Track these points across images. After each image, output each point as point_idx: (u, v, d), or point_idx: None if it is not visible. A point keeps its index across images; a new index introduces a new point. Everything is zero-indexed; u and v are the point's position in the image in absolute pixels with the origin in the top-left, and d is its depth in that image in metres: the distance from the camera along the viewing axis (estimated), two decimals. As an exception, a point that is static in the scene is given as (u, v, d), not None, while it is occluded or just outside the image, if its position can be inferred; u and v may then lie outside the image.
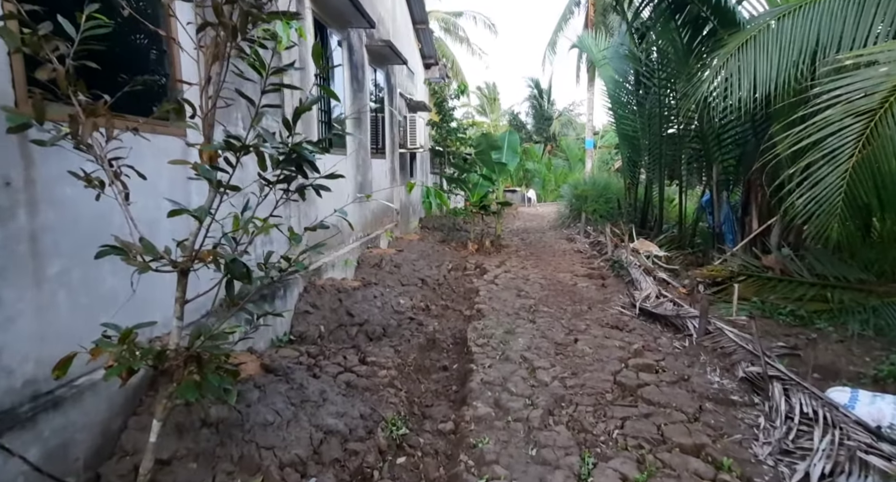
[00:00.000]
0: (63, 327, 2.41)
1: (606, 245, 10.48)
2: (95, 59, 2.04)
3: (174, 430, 2.71)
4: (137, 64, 3.23)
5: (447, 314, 6.94)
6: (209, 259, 1.98)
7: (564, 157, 31.49)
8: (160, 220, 2.78)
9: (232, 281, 2.07)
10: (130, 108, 2.76)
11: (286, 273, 2.48)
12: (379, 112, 10.17)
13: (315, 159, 2.17)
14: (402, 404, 4.06)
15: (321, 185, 2.40)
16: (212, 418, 2.75)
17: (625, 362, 4.70)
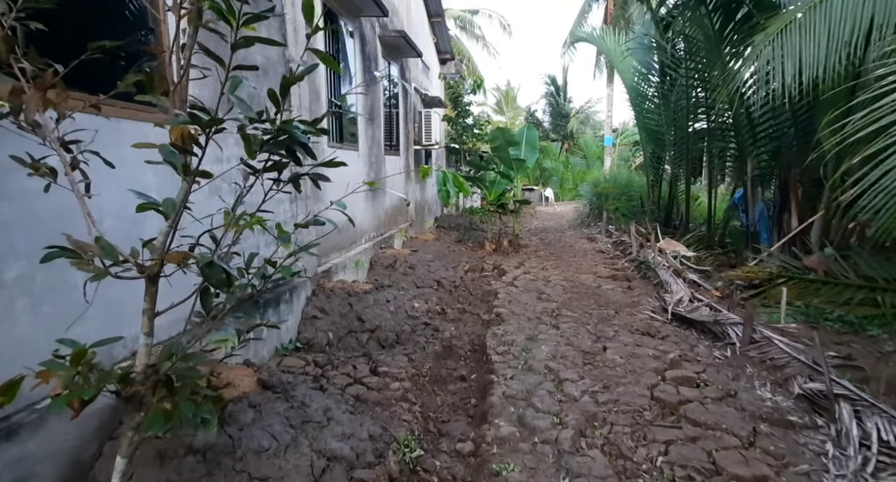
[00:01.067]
0: (23, 341, 2.07)
1: (631, 245, 9.99)
2: (54, 20, 1.69)
3: (155, 458, 2.37)
4: (116, 29, 2.86)
5: (464, 318, 6.55)
6: (176, 261, 1.61)
7: (582, 154, 30.86)
8: (146, 217, 2.42)
9: (208, 289, 1.71)
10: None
11: (268, 279, 2.10)
12: (393, 107, 9.82)
13: (308, 141, 1.79)
14: (417, 421, 3.68)
15: (319, 175, 2.03)
16: (198, 444, 2.41)
17: (661, 374, 4.26)
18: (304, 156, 1.84)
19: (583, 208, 16.67)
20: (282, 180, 1.95)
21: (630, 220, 11.86)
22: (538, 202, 25.53)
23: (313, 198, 5.32)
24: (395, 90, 9.93)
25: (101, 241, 1.61)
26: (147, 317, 1.72)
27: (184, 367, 1.68)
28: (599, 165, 25.29)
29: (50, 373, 1.55)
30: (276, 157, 1.87)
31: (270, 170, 1.86)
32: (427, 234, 11.01)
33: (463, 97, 13.00)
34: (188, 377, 1.67)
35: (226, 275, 1.65)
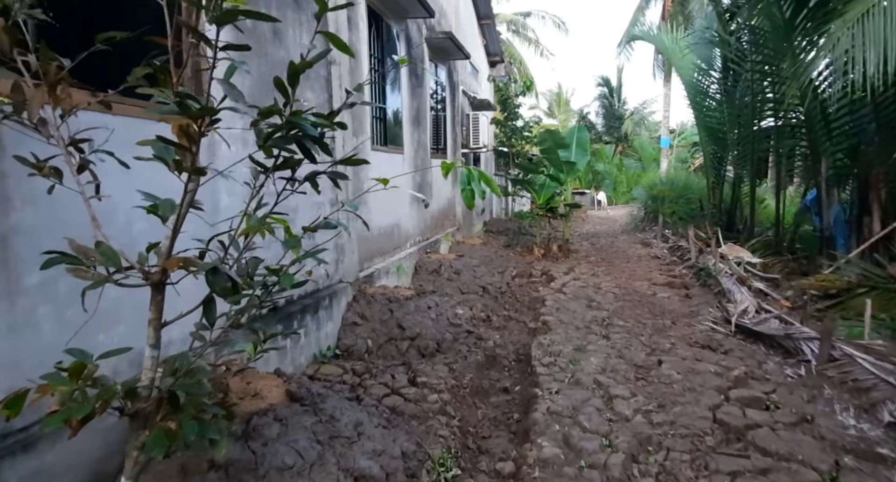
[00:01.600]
0: (46, 350, 2.03)
1: (689, 250, 9.40)
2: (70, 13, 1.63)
3: (178, 472, 2.29)
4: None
5: (510, 326, 6.30)
6: (175, 267, 1.49)
7: (637, 157, 29.78)
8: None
9: (213, 298, 1.59)
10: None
11: (269, 290, 1.96)
12: (440, 110, 9.71)
13: (321, 135, 1.63)
14: (454, 436, 3.48)
15: (338, 173, 1.88)
16: (221, 460, 2.31)
17: (724, 393, 3.86)
18: (318, 152, 1.68)
19: (637, 212, 15.97)
20: (296, 180, 1.80)
21: (688, 224, 11.21)
22: (590, 206, 24.82)
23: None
24: (442, 93, 9.82)
25: (102, 247, 1.52)
26: (153, 327, 1.62)
27: (189, 383, 1.56)
28: (655, 168, 24.27)
29: (50, 387, 1.47)
30: (287, 154, 1.72)
31: (281, 167, 1.71)
32: (474, 239, 10.81)
33: (512, 99, 12.73)
34: (193, 394, 1.54)
35: (231, 284, 1.52)
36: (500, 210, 16.74)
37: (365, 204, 5.72)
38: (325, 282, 4.73)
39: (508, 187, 12.93)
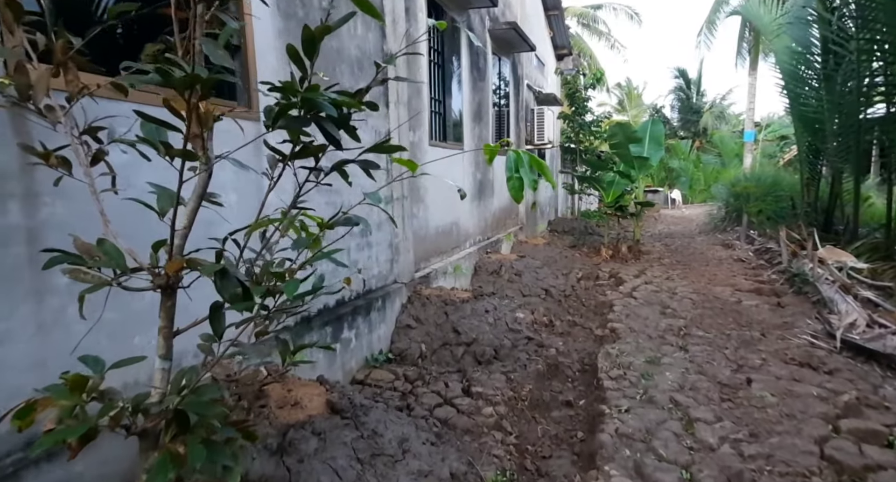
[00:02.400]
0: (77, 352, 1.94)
1: (780, 253, 8.49)
2: None
3: (211, 483, 2.14)
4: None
5: (574, 332, 5.88)
6: (175, 269, 1.30)
7: (717, 152, 27.84)
8: (215, 222, 2.17)
9: (220, 307, 1.38)
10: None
11: (299, 299, 1.73)
12: (503, 105, 9.37)
13: (334, 112, 1.38)
14: (511, 456, 3.17)
15: (369, 162, 1.62)
16: (254, 476, 2.14)
17: (833, 423, 3.29)
18: (335, 132, 1.43)
19: (717, 211, 14.81)
20: (320, 169, 1.57)
21: (777, 224, 10.17)
22: (663, 205, 23.48)
23: (411, 198, 5.04)
24: (505, 87, 9.47)
25: (106, 245, 1.35)
26: (163, 336, 1.44)
27: (197, 402, 1.36)
28: (738, 164, 22.54)
29: (50, 401, 1.32)
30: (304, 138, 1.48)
31: (301, 155, 1.48)
32: (538, 239, 10.38)
33: (580, 93, 12.13)
34: (202, 415, 1.35)
35: (242, 289, 1.31)
36: (565, 209, 16.11)
37: (421, 201, 5.51)
38: (378, 283, 4.56)
39: (575, 185, 12.36)
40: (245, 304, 1.32)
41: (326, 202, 3.77)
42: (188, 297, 1.57)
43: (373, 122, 4.48)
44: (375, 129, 4.54)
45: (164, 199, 1.36)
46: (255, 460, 2.20)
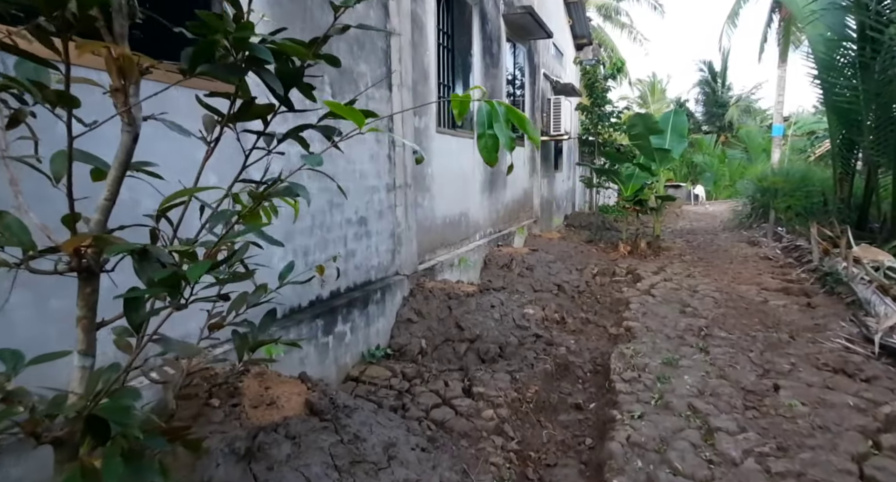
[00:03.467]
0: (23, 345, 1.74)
1: (810, 251, 8.03)
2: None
3: (168, 490, 1.92)
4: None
5: (587, 330, 5.58)
6: (72, 248, 1.06)
7: (743, 147, 26.96)
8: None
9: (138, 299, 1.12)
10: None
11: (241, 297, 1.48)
12: (518, 94, 9.04)
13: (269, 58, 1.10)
14: (511, 464, 2.91)
15: (329, 127, 1.35)
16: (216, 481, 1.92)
17: (873, 438, 2.96)
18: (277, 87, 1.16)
19: (742, 207, 14.24)
20: (270, 135, 1.31)
21: (807, 221, 9.67)
22: (686, 201, 22.84)
23: (413, 186, 4.78)
24: (520, 76, 9.14)
25: (7, 218, 1.12)
26: (81, 328, 1.21)
27: (111, 407, 1.13)
28: (765, 159, 21.77)
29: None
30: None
31: (243, 116, 1.22)
32: (553, 233, 10.05)
33: (600, 82, 11.69)
34: (120, 424, 1.11)
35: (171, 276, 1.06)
36: (583, 203, 15.70)
37: (427, 190, 5.25)
38: (378, 274, 4.33)
39: (593, 178, 11.97)
40: (165, 291, 1.08)
41: (320, 188, 3.54)
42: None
43: (374, 105, 4.23)
44: (378, 113, 4.29)
45: (58, 161, 1.12)
46: (220, 466, 1.97)
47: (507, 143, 1.17)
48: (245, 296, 1.70)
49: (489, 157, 1.17)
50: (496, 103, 1.20)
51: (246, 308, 1.69)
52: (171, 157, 2.13)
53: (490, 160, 1.17)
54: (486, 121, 1.16)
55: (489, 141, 1.16)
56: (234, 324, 1.66)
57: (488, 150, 1.16)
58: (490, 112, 1.17)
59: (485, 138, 1.16)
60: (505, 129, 1.18)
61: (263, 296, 1.73)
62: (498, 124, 1.18)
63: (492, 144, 1.16)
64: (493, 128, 1.17)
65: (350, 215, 3.93)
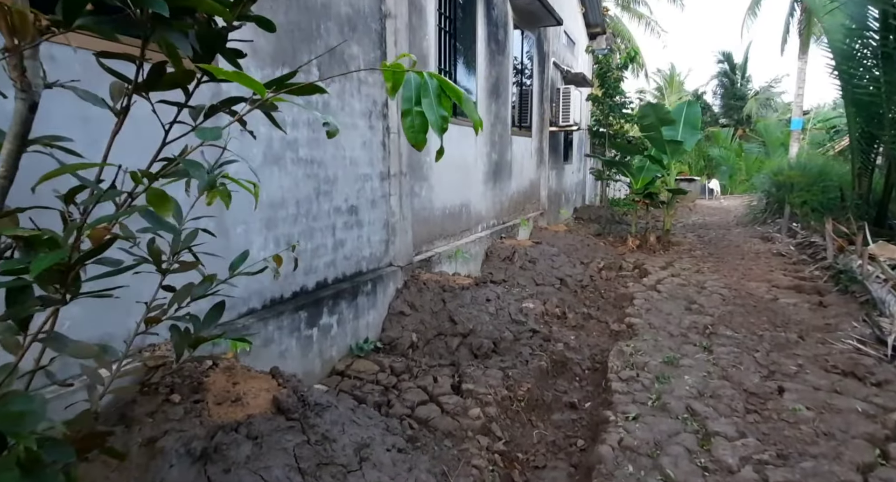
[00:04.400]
0: None
1: (825, 247, 7.76)
2: None
3: (122, 490, 1.83)
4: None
5: (588, 326, 5.42)
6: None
7: (761, 141, 26.34)
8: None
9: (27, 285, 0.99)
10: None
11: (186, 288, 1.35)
12: (525, 83, 8.81)
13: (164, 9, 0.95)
14: (495, 466, 2.79)
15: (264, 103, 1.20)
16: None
17: (881, 446, 2.78)
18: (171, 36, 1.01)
19: (757, 202, 13.88)
20: (192, 107, 1.17)
21: (824, 217, 9.35)
22: (700, 195, 22.40)
23: (410, 175, 4.64)
24: (528, 64, 8.91)
25: None
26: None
27: (5, 414, 1.01)
28: (783, 153, 21.21)
29: None
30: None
31: (156, 84, 1.07)
32: (560, 226, 9.85)
33: (613, 72, 11.39)
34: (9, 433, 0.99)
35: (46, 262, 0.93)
36: (593, 196, 15.43)
37: (425, 179, 5.11)
38: (369, 265, 4.20)
39: (603, 171, 11.72)
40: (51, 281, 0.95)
41: (306, 174, 3.42)
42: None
43: (367, 90, 4.08)
44: (372, 98, 4.15)
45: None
46: (173, 467, 1.87)
47: (437, 123, 1.02)
48: (189, 287, 1.57)
49: (415, 139, 1.02)
50: (427, 75, 1.05)
51: (190, 300, 1.56)
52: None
53: (417, 142, 1.02)
54: (413, 95, 1.01)
55: (416, 119, 1.01)
56: (175, 318, 1.54)
57: (414, 131, 1.01)
58: (420, 85, 1.02)
59: (411, 116, 1.01)
60: (437, 106, 1.03)
61: (211, 288, 1.61)
62: (427, 100, 1.02)
63: (419, 124, 1.01)
64: (421, 104, 1.02)
65: (339, 204, 3.80)
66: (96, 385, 1.46)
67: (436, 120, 1.02)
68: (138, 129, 1.64)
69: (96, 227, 0.95)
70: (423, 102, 1.01)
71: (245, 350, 2.63)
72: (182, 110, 1.22)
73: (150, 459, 1.90)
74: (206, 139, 0.99)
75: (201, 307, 1.62)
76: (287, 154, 3.23)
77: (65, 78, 1.19)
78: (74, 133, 1.40)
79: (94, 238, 0.95)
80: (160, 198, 0.99)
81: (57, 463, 1.13)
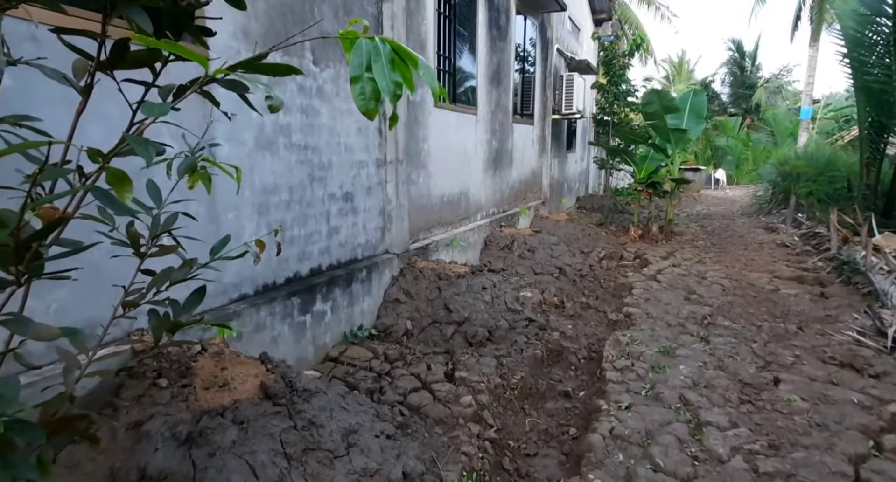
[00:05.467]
0: None
1: (829, 238, 7.67)
2: None
3: (106, 479, 1.84)
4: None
5: (586, 315, 5.40)
6: None
7: (769, 130, 26.00)
8: None
9: None
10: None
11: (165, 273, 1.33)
12: (528, 70, 8.70)
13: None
14: (485, 452, 2.78)
15: (237, 82, 1.17)
16: (153, 469, 1.82)
17: (874, 438, 2.76)
18: (143, 23, 0.99)
19: (762, 192, 13.74)
20: (165, 89, 1.14)
21: (830, 208, 9.25)
22: (705, 185, 22.21)
23: (407, 162, 4.60)
24: (531, 51, 8.79)
25: None
26: None
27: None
28: (791, 143, 20.95)
29: None
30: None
31: (119, 62, 1.03)
32: (561, 215, 9.79)
33: (618, 59, 11.23)
34: None
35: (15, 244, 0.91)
36: (597, 185, 15.33)
37: (422, 167, 5.07)
38: (364, 253, 4.19)
39: (606, 160, 11.62)
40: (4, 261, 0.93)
41: (299, 160, 3.39)
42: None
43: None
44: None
45: None
46: (158, 451, 1.87)
47: (390, 90, 0.98)
48: (169, 272, 1.56)
49: (366, 106, 0.98)
50: (379, 39, 1.01)
51: (170, 284, 1.55)
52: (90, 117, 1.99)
53: (368, 111, 0.99)
54: (364, 61, 0.97)
55: (367, 86, 0.97)
56: (154, 302, 1.52)
57: (365, 98, 0.97)
58: (371, 50, 0.98)
59: (361, 82, 0.97)
60: (389, 71, 0.99)
61: (192, 272, 1.59)
62: (379, 65, 0.99)
63: (370, 91, 0.98)
64: (372, 70, 0.98)
65: (334, 190, 3.77)
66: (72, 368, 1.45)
67: (388, 86, 0.99)
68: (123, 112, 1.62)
69: (41, 206, 0.93)
70: (375, 68, 0.98)
71: (233, 335, 2.63)
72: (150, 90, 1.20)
73: (136, 442, 1.90)
74: (152, 114, 0.96)
75: (187, 292, 1.61)
76: (279, 139, 3.20)
77: (53, 60, 1.16)
78: (56, 114, 1.38)
79: (44, 218, 0.93)
80: (119, 178, 0.97)
81: (31, 445, 1.13)
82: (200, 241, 1.75)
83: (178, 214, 1.63)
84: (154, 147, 1.03)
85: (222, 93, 1.29)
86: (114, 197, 0.97)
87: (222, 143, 2.77)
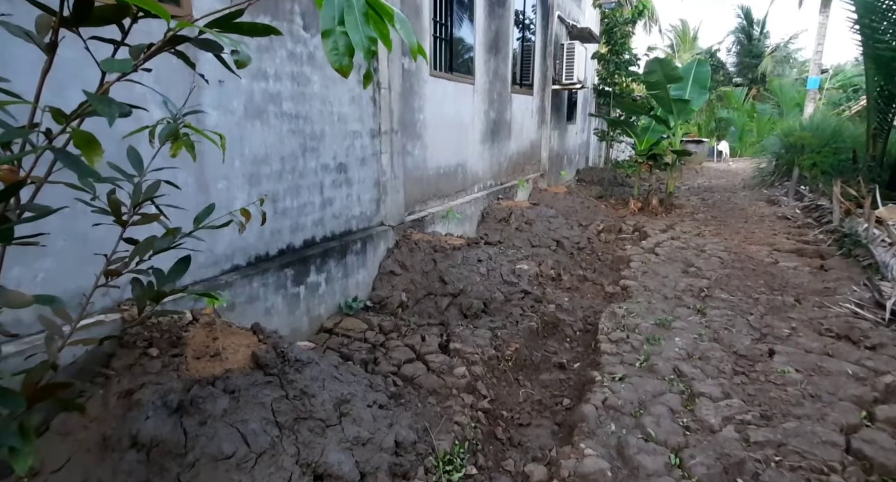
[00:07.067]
0: None
1: (832, 210, 7.61)
2: None
3: (98, 445, 1.85)
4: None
5: (583, 288, 5.39)
6: None
7: (775, 101, 25.55)
8: None
9: None
10: None
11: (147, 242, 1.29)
12: (527, 38, 8.48)
13: None
14: (478, 422, 2.80)
15: (211, 42, 1.10)
16: (144, 437, 1.82)
17: (867, 408, 2.77)
18: None
19: (765, 164, 13.58)
20: (135, 47, 1.08)
21: (833, 179, 9.15)
22: (707, 157, 21.97)
23: (402, 133, 4.51)
24: (531, 18, 8.54)
25: None
26: None
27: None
28: (797, 113, 20.60)
29: None
30: None
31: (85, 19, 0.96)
32: (560, 187, 9.70)
33: (620, 27, 10.93)
34: None
35: None
36: (597, 157, 15.16)
37: (418, 138, 4.98)
38: (359, 224, 4.15)
39: (607, 131, 11.44)
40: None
41: (290, 130, 3.32)
42: None
43: (356, 42, 3.91)
44: (360, 51, 3.98)
45: None
46: (149, 419, 1.88)
47: (363, 45, 0.92)
48: (152, 240, 1.52)
49: (339, 62, 0.92)
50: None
51: (153, 253, 1.52)
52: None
53: (342, 67, 0.93)
54: (336, 14, 0.91)
55: (340, 40, 0.91)
56: (137, 271, 1.49)
57: (338, 54, 0.91)
58: (344, 2, 0.92)
59: (333, 36, 0.91)
60: (363, 25, 0.93)
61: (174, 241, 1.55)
62: (352, 18, 0.92)
63: (343, 46, 0.91)
64: (344, 24, 0.92)
65: (327, 161, 3.71)
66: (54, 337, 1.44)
67: (361, 40, 0.93)
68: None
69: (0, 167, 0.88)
70: (347, 21, 0.91)
71: (222, 305, 2.61)
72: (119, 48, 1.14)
73: (127, 411, 1.90)
74: (111, 70, 0.91)
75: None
76: (270, 107, 3.12)
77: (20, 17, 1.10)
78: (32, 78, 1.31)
79: (5, 180, 0.89)
80: (87, 141, 0.92)
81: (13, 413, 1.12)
82: (190, 212, 1.71)
83: (160, 182, 1.58)
84: (118, 107, 0.97)
85: (209, 58, 1.23)
86: (78, 159, 0.92)
87: (210, 111, 2.69)
